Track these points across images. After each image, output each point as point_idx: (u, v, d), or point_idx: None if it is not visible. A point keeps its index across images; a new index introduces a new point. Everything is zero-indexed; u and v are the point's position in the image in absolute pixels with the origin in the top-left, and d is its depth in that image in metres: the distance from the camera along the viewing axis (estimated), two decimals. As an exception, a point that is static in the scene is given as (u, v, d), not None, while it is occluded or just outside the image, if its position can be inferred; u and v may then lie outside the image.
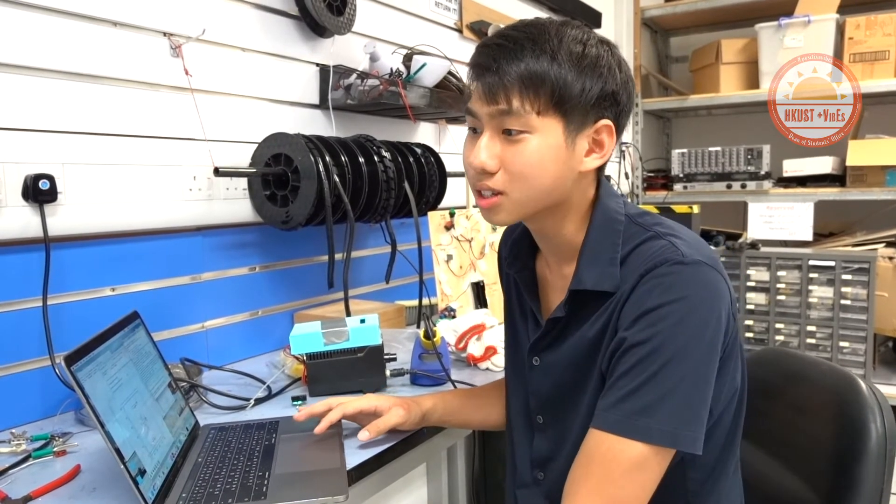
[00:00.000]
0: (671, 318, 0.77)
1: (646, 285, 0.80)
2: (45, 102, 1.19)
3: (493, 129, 0.84)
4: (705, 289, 0.79)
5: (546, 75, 0.79)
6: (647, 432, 0.76)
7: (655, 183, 3.62)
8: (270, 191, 1.53)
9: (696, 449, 0.77)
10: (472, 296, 1.77)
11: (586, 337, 0.87)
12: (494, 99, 0.81)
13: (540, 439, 0.97)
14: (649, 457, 0.76)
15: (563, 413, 0.92)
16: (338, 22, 1.67)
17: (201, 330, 1.48)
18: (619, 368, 0.79)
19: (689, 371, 0.77)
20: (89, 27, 1.24)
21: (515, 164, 0.83)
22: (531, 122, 0.81)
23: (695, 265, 0.80)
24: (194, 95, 1.41)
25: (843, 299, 2.72)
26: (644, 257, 0.83)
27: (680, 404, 0.76)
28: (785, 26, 3.00)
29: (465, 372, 1.42)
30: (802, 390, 1.05)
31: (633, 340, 0.79)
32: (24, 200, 1.15)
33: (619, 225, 0.88)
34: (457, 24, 2.26)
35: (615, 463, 0.77)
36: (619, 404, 0.78)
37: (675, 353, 0.76)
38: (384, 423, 1.04)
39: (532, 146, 0.82)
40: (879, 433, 0.92)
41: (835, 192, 2.94)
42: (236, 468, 0.94)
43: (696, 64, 3.54)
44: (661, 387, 0.76)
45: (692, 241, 0.84)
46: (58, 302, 1.20)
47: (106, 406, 0.83)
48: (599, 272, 0.85)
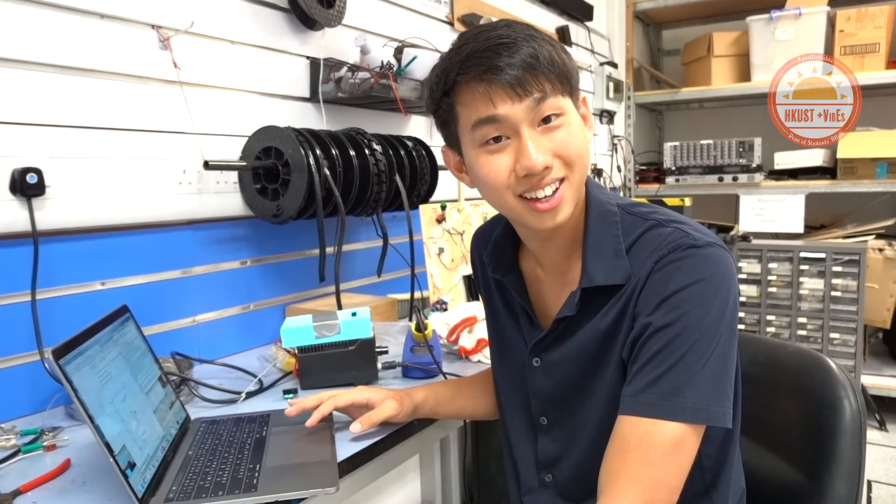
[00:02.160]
0: (694, 299, 0.78)
1: (662, 270, 0.81)
2: (32, 95, 1.18)
3: (529, 124, 0.80)
4: (720, 268, 0.80)
5: (555, 58, 0.81)
6: (682, 411, 0.76)
7: (648, 176, 3.63)
8: (261, 184, 1.52)
9: (727, 423, 0.78)
10: (463, 288, 1.77)
11: (598, 329, 0.86)
12: (527, 91, 0.79)
13: (546, 441, 0.96)
14: (685, 436, 0.77)
15: (570, 411, 0.92)
16: (328, 14, 1.67)
17: (192, 324, 1.48)
18: (644, 353, 0.80)
19: (715, 349, 0.78)
20: (76, 19, 1.23)
21: (570, 146, 0.82)
22: (562, 103, 0.82)
23: (708, 247, 0.81)
24: (183, 88, 1.41)
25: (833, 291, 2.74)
26: (653, 245, 0.83)
27: (709, 382, 0.77)
28: (776, 19, 3.01)
29: (456, 364, 1.42)
30: (774, 374, 1.08)
31: (658, 324, 0.79)
32: (12, 194, 1.14)
33: (615, 217, 0.88)
34: (448, 16, 2.25)
35: (653, 446, 0.76)
36: (648, 388, 0.78)
37: (701, 334, 0.77)
38: (377, 416, 1.03)
39: (573, 124, 0.83)
40: (853, 408, 0.95)
41: (825, 185, 2.96)
42: (227, 461, 0.94)
43: (687, 57, 3.55)
44: (691, 367, 0.77)
45: (695, 226, 0.85)
46: (47, 296, 1.20)
47: (95, 400, 0.83)
48: (608, 266, 0.85)
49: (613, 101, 3.38)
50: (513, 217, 0.89)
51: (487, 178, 0.84)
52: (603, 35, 3.50)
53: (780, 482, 1.02)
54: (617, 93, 3.41)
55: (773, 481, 1.03)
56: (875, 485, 2.32)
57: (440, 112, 0.87)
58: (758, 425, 1.06)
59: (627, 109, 3.61)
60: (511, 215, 0.88)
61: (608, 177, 3.42)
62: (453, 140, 0.89)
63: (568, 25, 3.05)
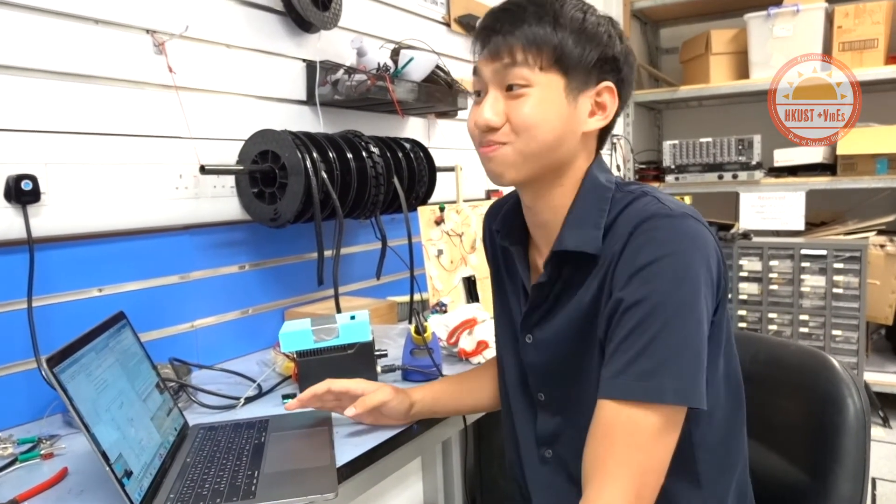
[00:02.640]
0: (667, 272, 0.77)
1: (636, 241, 0.80)
2: (26, 102, 1.17)
3: (496, 86, 0.87)
4: (694, 241, 0.79)
5: (548, 36, 0.84)
6: (661, 393, 0.75)
7: (647, 175, 3.62)
8: (258, 188, 1.52)
9: (702, 404, 0.76)
10: (463, 290, 1.77)
11: (583, 302, 0.86)
12: (499, 55, 0.85)
13: (544, 417, 0.96)
14: (669, 417, 0.76)
15: (565, 386, 0.91)
16: (323, 17, 1.66)
17: (191, 329, 1.47)
18: (619, 331, 0.78)
19: (689, 326, 0.76)
20: (70, 25, 1.22)
21: (519, 116, 0.85)
22: (533, 77, 0.84)
23: (682, 217, 0.80)
24: (179, 93, 1.40)
25: (835, 288, 2.73)
26: (631, 216, 0.83)
27: (687, 360, 0.76)
28: (774, 16, 3.00)
29: (456, 367, 1.41)
30: (776, 373, 1.07)
31: (630, 300, 0.78)
32: (7, 201, 1.14)
33: (608, 193, 0.88)
34: (444, 18, 2.25)
35: (639, 431, 0.75)
36: (627, 369, 0.76)
37: (675, 310, 0.76)
38: (370, 400, 1.04)
39: (534, 99, 0.85)
40: (857, 407, 0.94)
41: (826, 181, 2.95)
42: (225, 468, 0.94)
43: (686, 55, 3.54)
44: (667, 345, 0.75)
45: (676, 201, 0.86)
46: (43, 304, 1.19)
47: (91, 408, 0.82)
48: (582, 234, 0.86)
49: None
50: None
51: (468, 125, 0.91)
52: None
53: (783, 482, 1.01)
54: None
55: (776, 481, 1.02)
56: (879, 482, 2.31)
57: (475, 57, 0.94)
58: (760, 424, 1.05)
59: (626, 108, 3.60)
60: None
61: (607, 176, 3.41)
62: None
63: (565, 25, 3.04)
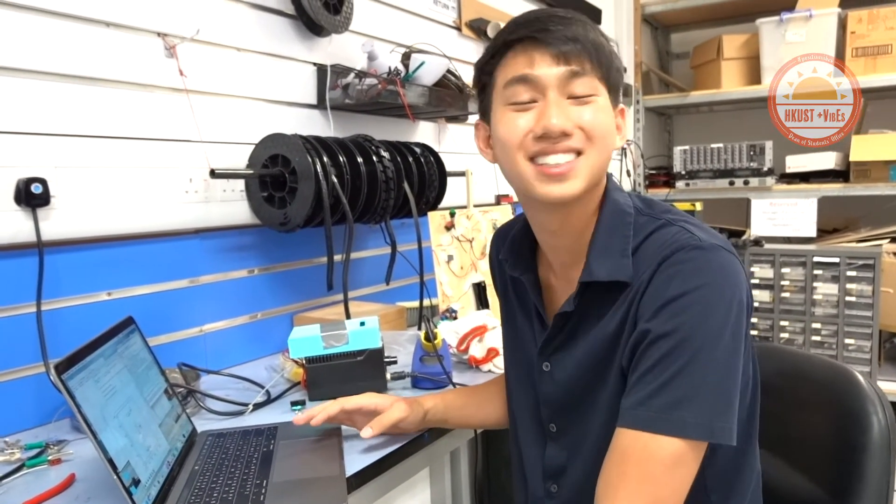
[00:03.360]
0: (696, 306, 0.75)
1: (665, 273, 0.78)
2: (37, 105, 1.17)
3: (559, 91, 0.82)
4: (726, 274, 0.77)
5: (604, 45, 0.84)
6: (683, 427, 0.73)
7: (657, 180, 3.60)
8: (268, 192, 1.51)
9: (731, 440, 0.75)
10: (473, 297, 1.75)
11: (606, 332, 0.84)
12: (567, 60, 0.81)
13: (553, 449, 0.94)
14: (687, 451, 0.74)
15: (578, 418, 0.89)
16: (335, 21, 1.65)
17: (199, 334, 1.46)
18: (644, 362, 0.77)
19: (718, 360, 0.74)
20: (81, 28, 1.22)
21: (595, 122, 0.82)
22: (598, 86, 0.83)
23: (713, 249, 0.78)
24: (189, 96, 1.40)
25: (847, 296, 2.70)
26: (658, 245, 0.81)
27: (713, 395, 0.74)
28: (786, 21, 2.98)
29: (466, 374, 1.39)
30: (799, 386, 1.04)
31: (657, 332, 0.76)
32: (17, 205, 1.13)
33: (629, 217, 0.86)
34: (455, 21, 2.24)
35: (653, 461, 0.74)
36: (649, 400, 0.75)
37: (702, 343, 0.74)
38: (387, 419, 1.02)
39: (602, 106, 0.83)
40: (882, 425, 0.92)
41: (838, 188, 2.92)
42: (233, 476, 0.92)
43: (697, 60, 3.52)
44: (693, 379, 0.74)
45: (704, 227, 0.83)
46: (53, 307, 1.19)
47: (98, 415, 0.81)
48: (612, 263, 0.83)
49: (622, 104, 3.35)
50: (521, 186, 0.86)
51: (505, 135, 0.84)
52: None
53: (803, 500, 0.98)
54: (625, 97, 3.39)
55: (795, 498, 0.99)
56: None
57: (482, 77, 0.88)
58: (780, 440, 1.02)
59: (636, 113, 3.58)
60: (518, 182, 0.86)
61: (617, 181, 3.39)
62: (487, 108, 0.89)
63: (576, 29, 3.03)
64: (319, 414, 1.01)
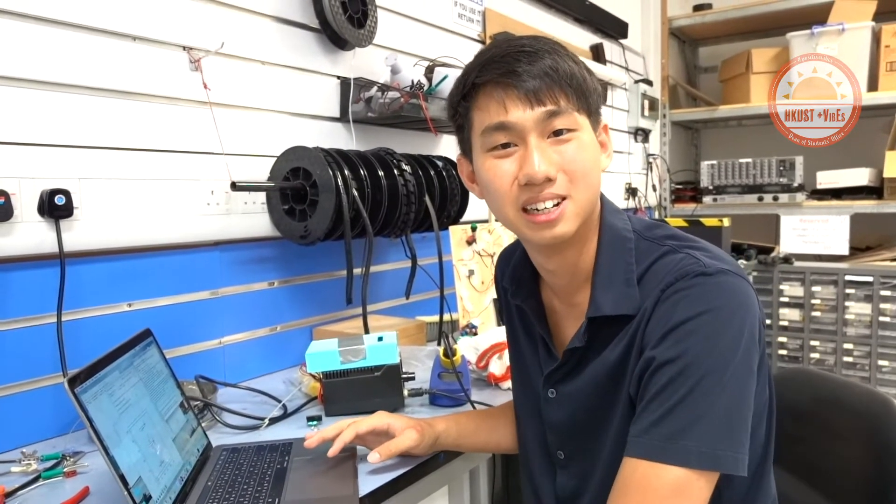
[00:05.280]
0: (700, 332, 0.73)
1: (669, 300, 0.76)
2: (62, 117, 1.18)
3: (538, 134, 0.79)
4: (733, 298, 0.75)
5: (576, 74, 0.80)
6: (685, 456, 0.71)
7: (684, 195, 3.55)
8: (289, 205, 1.51)
9: (739, 470, 0.72)
10: (493, 312, 1.73)
11: (608, 361, 0.82)
12: (540, 101, 0.78)
13: (563, 476, 0.92)
14: (690, 481, 0.71)
15: (585, 446, 0.88)
16: (359, 34, 1.66)
17: (219, 346, 1.46)
18: (649, 390, 0.75)
19: (724, 387, 0.72)
20: (108, 41, 1.23)
21: (577, 162, 0.79)
22: (576, 119, 0.80)
23: (719, 274, 0.76)
24: (213, 109, 1.40)
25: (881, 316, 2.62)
26: (663, 273, 0.79)
27: (718, 423, 0.71)
28: (818, 35, 2.92)
29: (485, 392, 1.37)
30: (835, 414, 1.01)
31: (662, 359, 0.74)
32: (40, 216, 1.14)
33: (630, 243, 0.84)
34: (480, 35, 2.23)
35: (651, 490, 0.72)
36: (651, 429, 0.73)
37: (708, 370, 0.72)
38: (395, 447, 0.99)
39: (584, 142, 0.80)
40: None
41: (872, 205, 2.85)
42: (246, 493, 0.91)
43: (725, 74, 3.47)
44: (697, 406, 0.71)
45: (711, 251, 0.81)
46: (73, 318, 1.19)
47: (111, 429, 0.80)
48: (616, 295, 0.81)
49: (648, 118, 3.32)
50: (514, 231, 0.86)
51: (491, 184, 0.82)
52: (638, 52, 3.45)
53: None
54: (652, 111, 3.35)
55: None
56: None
57: (457, 116, 0.86)
58: (813, 470, 0.98)
59: (663, 127, 3.54)
60: (512, 228, 0.85)
61: (643, 196, 3.35)
62: (467, 147, 0.88)
63: (602, 43, 3.01)
64: (336, 444, 0.99)
